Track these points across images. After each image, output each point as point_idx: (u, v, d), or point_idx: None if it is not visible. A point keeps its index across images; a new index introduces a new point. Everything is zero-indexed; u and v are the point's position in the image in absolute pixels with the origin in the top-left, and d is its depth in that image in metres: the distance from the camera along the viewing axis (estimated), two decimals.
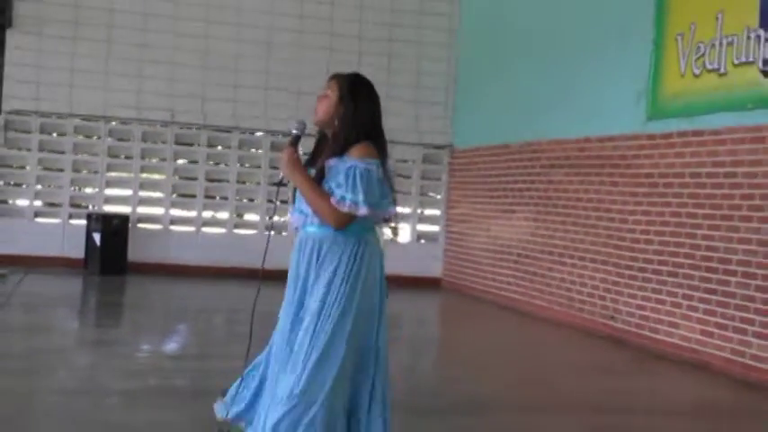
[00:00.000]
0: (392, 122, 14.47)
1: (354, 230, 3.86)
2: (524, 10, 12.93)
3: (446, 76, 15.20)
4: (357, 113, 3.88)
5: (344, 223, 3.80)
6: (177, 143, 14.60)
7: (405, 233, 15.08)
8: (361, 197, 3.72)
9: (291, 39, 14.58)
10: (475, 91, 14.50)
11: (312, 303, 3.83)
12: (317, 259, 3.87)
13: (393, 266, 4.11)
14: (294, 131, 3.97)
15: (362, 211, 3.74)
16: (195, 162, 14.76)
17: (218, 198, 14.83)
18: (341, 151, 3.83)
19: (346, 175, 3.76)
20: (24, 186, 14.24)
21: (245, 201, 14.77)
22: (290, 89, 13.99)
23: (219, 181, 14.81)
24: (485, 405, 6.72)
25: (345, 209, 3.73)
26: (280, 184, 4.02)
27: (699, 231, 8.87)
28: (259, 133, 14.55)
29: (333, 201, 3.76)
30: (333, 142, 3.90)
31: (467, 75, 14.85)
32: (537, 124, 12.24)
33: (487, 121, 13.94)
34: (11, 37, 13.72)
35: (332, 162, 3.84)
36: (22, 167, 14.21)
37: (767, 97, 8.10)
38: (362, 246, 3.87)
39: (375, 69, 13.91)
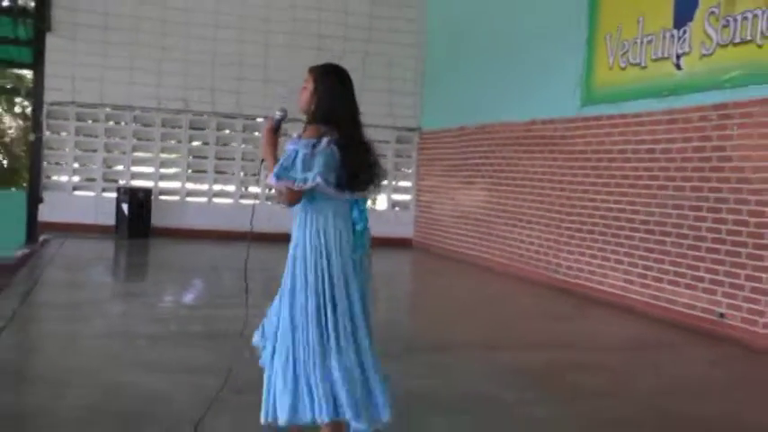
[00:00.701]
0: (370, 109, 14.37)
1: (310, 203, 3.65)
2: (480, 14, 12.87)
3: (415, 71, 15.15)
4: (319, 100, 3.70)
5: (286, 197, 3.58)
6: (191, 128, 14.54)
7: (382, 202, 15.14)
8: (275, 170, 3.53)
9: (285, 40, 14.51)
10: (439, 82, 14.46)
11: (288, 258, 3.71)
12: (293, 220, 3.73)
13: (372, 230, 3.95)
14: (276, 117, 3.80)
15: (271, 181, 3.52)
16: (206, 143, 14.74)
17: (226, 174, 14.82)
18: (304, 132, 3.67)
19: (285, 153, 3.61)
20: (64, 165, 14.16)
21: (248, 176, 14.74)
22: (285, 82, 13.93)
23: (227, 159, 14.77)
24: (453, 345, 6.75)
25: (269, 182, 3.54)
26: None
27: (624, 198, 8.93)
28: (259, 119, 14.46)
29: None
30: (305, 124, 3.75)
31: (432, 69, 14.79)
32: (490, 109, 12.23)
33: (449, 107, 13.90)
34: (50, 40, 13.61)
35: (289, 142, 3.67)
36: (62, 149, 14.11)
37: (679, 86, 8.14)
38: (313, 217, 3.64)
39: (355, 65, 13.90)
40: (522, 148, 11.28)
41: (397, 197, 15.50)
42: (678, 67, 8.19)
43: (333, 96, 3.73)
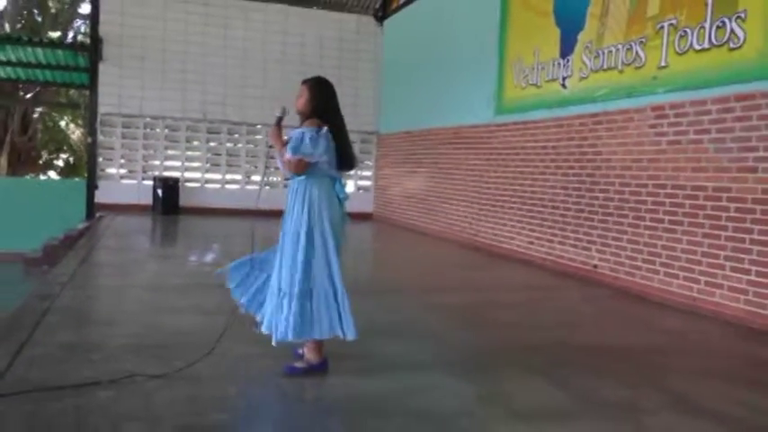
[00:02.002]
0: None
1: (312, 177, 3.69)
2: (424, 45, 12.78)
3: (374, 87, 15.02)
4: (312, 102, 3.76)
5: (296, 168, 3.63)
6: (208, 132, 14.32)
7: (350, 186, 15.09)
8: (290, 147, 3.62)
9: (277, 66, 14.33)
10: (392, 97, 14.37)
11: (288, 226, 3.73)
12: (292, 194, 3.75)
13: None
14: (278, 114, 3.88)
15: (288, 155, 3.61)
16: (220, 144, 14.48)
17: (234, 166, 14.60)
18: (301, 124, 3.74)
19: (293, 138, 3.66)
20: (113, 160, 13.90)
21: (251, 167, 14.59)
22: (279, 97, 13.81)
23: (235, 156, 14.55)
24: (402, 288, 6.77)
25: (287, 157, 3.63)
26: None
27: (526, 181, 8.97)
28: (259, 126, 14.35)
29: (285, 155, 3.66)
30: (301, 121, 3.79)
31: (387, 87, 14.67)
32: (429, 117, 12.17)
33: (400, 116, 13.80)
34: (102, 68, 13.42)
35: (291, 131, 3.74)
36: (112, 148, 13.82)
37: (564, 100, 8.15)
38: (315, 187, 3.68)
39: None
40: (452, 146, 11.25)
41: (361, 183, 15.41)
42: (564, 86, 8.19)
43: (324, 98, 3.79)
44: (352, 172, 4.15)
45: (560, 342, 4.78)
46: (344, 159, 3.83)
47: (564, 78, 8.16)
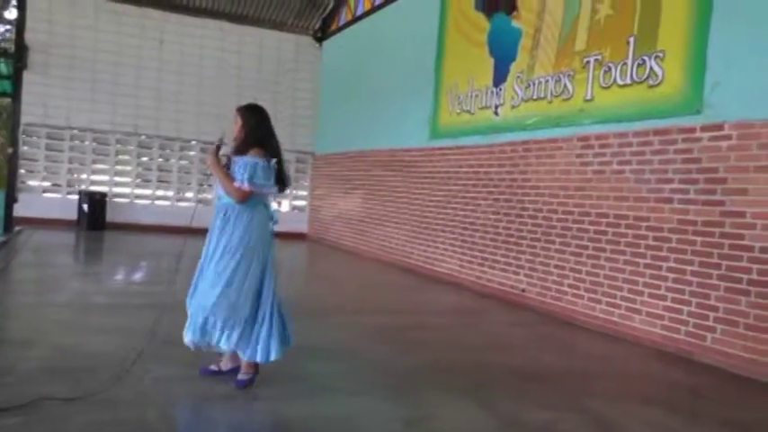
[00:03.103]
0: (279, 136, 14.38)
1: (250, 203, 3.81)
2: (360, 69, 12.91)
3: (311, 108, 15.03)
4: (251, 129, 3.86)
5: (242, 197, 3.76)
6: (139, 146, 13.97)
7: (285, 205, 14.99)
8: (246, 178, 3.71)
9: (214, 82, 14.17)
10: (328, 118, 14.40)
11: (222, 248, 3.76)
12: (226, 219, 3.80)
13: (279, 226, 4.07)
14: (216, 142, 3.95)
15: (245, 186, 3.72)
16: (152, 159, 14.15)
17: (165, 182, 14.27)
18: (243, 152, 3.81)
19: (242, 166, 3.75)
20: (35, 172, 13.37)
21: (183, 184, 14.31)
22: (213, 113, 13.70)
23: (166, 171, 14.24)
24: (333, 310, 6.73)
25: (237, 185, 3.73)
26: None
27: (457, 204, 9.11)
28: (193, 142, 14.11)
29: (235, 183, 3.75)
30: (238, 147, 3.86)
31: (323, 108, 14.69)
32: (365, 140, 12.25)
33: (336, 137, 13.83)
34: (27, 76, 12.93)
35: (236, 158, 3.83)
36: (35, 160, 13.28)
37: (497, 127, 8.33)
38: (254, 212, 3.82)
39: (266, 102, 13.78)
40: (387, 168, 11.33)
41: (296, 202, 15.30)
42: (496, 114, 8.38)
43: (259, 126, 3.90)
44: (286, 191, 4.25)
45: (487, 364, 4.85)
46: (281, 183, 3.98)
47: (496, 106, 8.37)
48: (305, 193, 15.29)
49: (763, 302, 4.88)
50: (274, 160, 3.85)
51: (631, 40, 6.26)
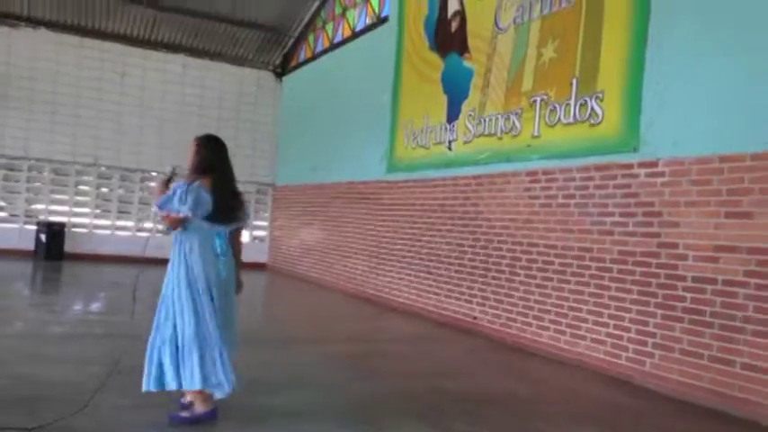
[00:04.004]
0: (238, 169, 14.33)
1: (185, 231, 3.66)
2: (318, 104, 13.06)
3: (270, 142, 15.11)
4: (202, 159, 3.76)
5: (170, 222, 3.62)
6: (99, 177, 13.85)
7: (245, 236, 14.91)
8: (159, 202, 3.63)
9: (176, 116, 14.17)
10: (288, 151, 14.48)
11: (168, 279, 3.71)
12: (172, 248, 3.72)
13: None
14: (167, 172, 3.84)
15: (155, 209, 3.65)
16: (111, 190, 14.02)
17: (125, 213, 14.14)
18: (193, 180, 3.68)
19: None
20: None
21: (143, 215, 14.15)
22: (175, 147, 13.65)
23: (127, 202, 14.11)
24: (293, 339, 6.73)
25: (154, 211, 3.69)
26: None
27: (414, 235, 9.23)
28: (154, 173, 14.01)
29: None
30: (189, 175, 3.75)
31: (283, 141, 14.79)
32: (324, 172, 12.35)
33: (295, 169, 13.91)
34: None
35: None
36: None
37: (450, 162, 8.52)
38: (187, 241, 3.66)
39: (228, 134, 13.87)
40: (345, 200, 11.43)
41: (256, 233, 15.27)
42: (450, 149, 8.58)
43: (210, 155, 3.80)
44: (250, 222, 4.09)
45: (441, 390, 4.94)
46: (222, 214, 3.74)
47: (450, 141, 8.58)
48: (265, 223, 15.27)
49: (695, 329, 5.11)
50: (196, 183, 3.63)
51: (574, 81, 6.56)
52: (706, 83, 5.26)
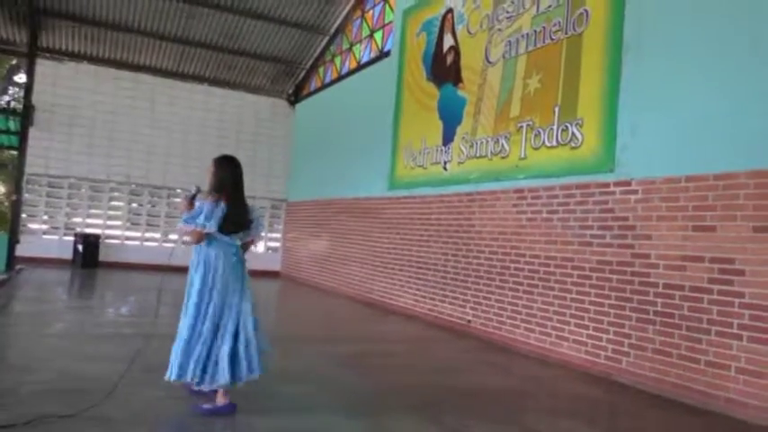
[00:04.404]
0: (257, 186, 14.59)
1: (206, 245, 3.70)
2: (328, 123, 13.15)
3: (284, 162, 15.17)
4: (218, 178, 3.79)
5: (195, 237, 3.66)
6: (131, 194, 13.94)
7: (261, 246, 14.96)
8: (185, 218, 3.68)
9: (199, 138, 14.28)
10: (300, 170, 14.53)
11: (194, 285, 3.72)
12: (196, 257, 3.75)
13: (255, 265, 4.03)
14: (191, 192, 3.89)
15: (181, 224, 3.70)
16: (141, 205, 14.08)
17: (154, 226, 14.17)
18: (213, 198, 3.73)
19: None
20: (36, 216, 13.23)
21: (170, 227, 14.20)
22: (199, 166, 13.69)
23: (155, 216, 14.16)
24: (303, 339, 6.73)
25: (181, 226, 3.71)
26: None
27: (413, 247, 9.26)
28: (179, 190, 14.08)
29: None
30: (209, 193, 3.79)
31: (296, 161, 14.84)
32: (332, 189, 12.40)
33: (306, 187, 13.95)
34: (32, 132, 12.92)
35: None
36: (35, 206, 13.18)
37: (445, 181, 8.54)
38: (210, 250, 3.70)
39: (245, 156, 14.08)
40: (351, 215, 11.47)
41: (270, 244, 15.28)
42: (445, 169, 8.62)
43: (225, 175, 3.82)
44: (263, 234, 4.11)
45: (436, 386, 4.95)
46: (236, 226, 3.78)
47: (445, 162, 8.63)
48: (278, 235, 15.30)
49: (666, 330, 5.13)
50: (222, 202, 3.70)
51: (556, 109, 6.62)
52: (673, 112, 5.32)
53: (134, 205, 14.07)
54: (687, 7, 5.33)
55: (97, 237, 13.14)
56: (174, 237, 14.05)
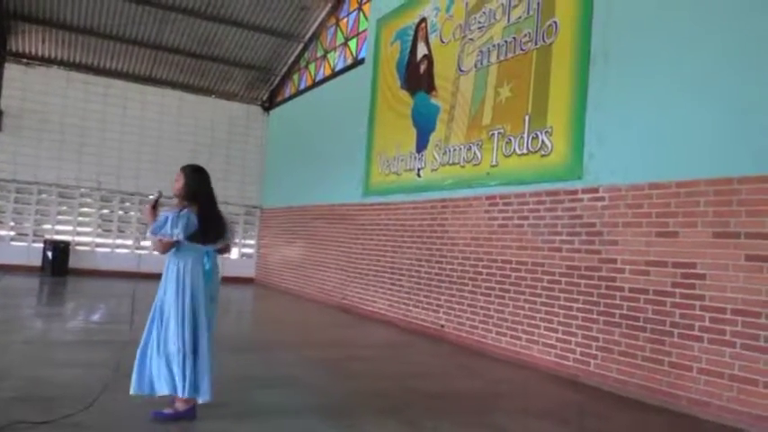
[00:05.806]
0: (230, 192, 14.51)
1: (177, 251, 3.68)
2: (301, 134, 13.17)
3: (258, 168, 15.12)
4: (187, 187, 3.78)
5: (161, 247, 3.63)
6: (101, 200, 13.73)
7: (235, 253, 14.85)
8: (152, 228, 3.64)
9: (172, 145, 14.17)
10: (274, 177, 14.51)
11: (161, 294, 3.72)
12: (165, 266, 3.73)
13: (230, 271, 4.03)
14: (153, 197, 3.85)
15: (149, 234, 3.66)
16: (113, 211, 13.88)
17: (125, 232, 13.99)
18: (181, 207, 3.72)
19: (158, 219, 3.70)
20: (3, 223, 12.94)
21: (141, 234, 14.04)
22: (171, 172, 13.56)
23: (126, 222, 13.98)
24: (276, 345, 6.72)
25: (148, 236, 3.68)
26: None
27: (387, 253, 9.34)
28: (151, 196, 13.78)
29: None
30: (178, 202, 3.77)
31: (270, 167, 14.81)
32: (307, 196, 12.42)
33: (281, 193, 13.94)
34: (0, 137, 12.74)
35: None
36: (3, 212, 12.90)
37: (419, 187, 8.63)
38: (179, 259, 3.67)
39: (219, 162, 14.20)
40: (325, 221, 11.49)
41: (245, 250, 15.17)
42: (418, 175, 8.72)
43: (194, 184, 3.81)
44: (236, 241, 4.07)
45: (410, 389, 5.01)
46: (208, 236, 3.75)
47: (419, 169, 8.72)
48: (253, 241, 15.23)
49: (631, 333, 5.29)
50: (186, 210, 3.67)
51: (527, 117, 6.77)
52: (637, 123, 5.50)
53: (105, 211, 13.88)
54: (652, 21, 5.53)
55: (67, 243, 12.91)
56: (146, 243, 13.90)
